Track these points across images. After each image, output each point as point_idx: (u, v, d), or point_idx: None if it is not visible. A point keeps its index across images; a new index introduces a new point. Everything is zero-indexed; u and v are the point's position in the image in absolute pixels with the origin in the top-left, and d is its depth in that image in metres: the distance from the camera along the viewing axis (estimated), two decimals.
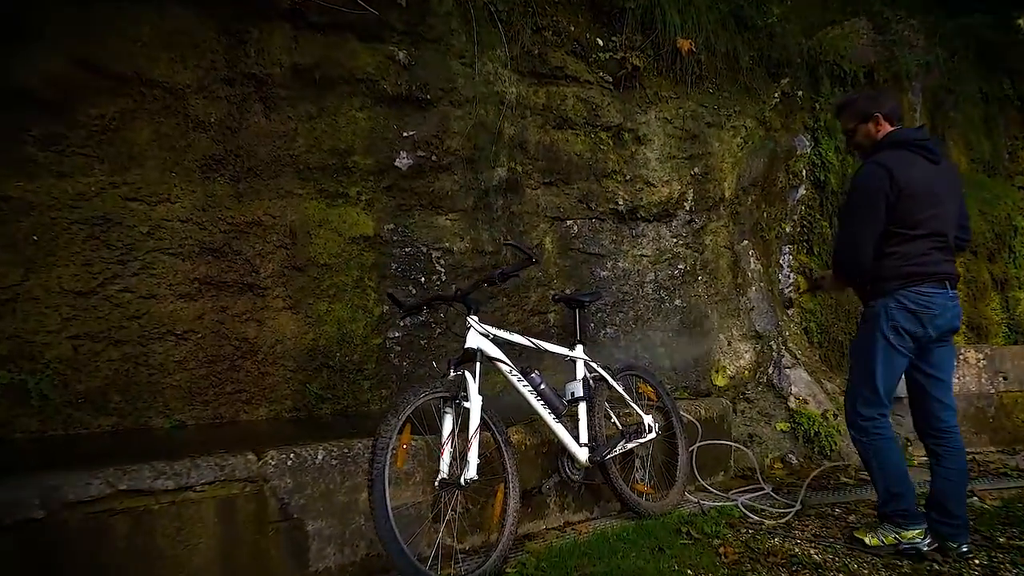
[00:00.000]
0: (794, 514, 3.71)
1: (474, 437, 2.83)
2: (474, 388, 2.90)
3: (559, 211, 5.03)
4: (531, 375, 3.24)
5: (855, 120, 3.30)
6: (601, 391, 3.56)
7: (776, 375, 5.17)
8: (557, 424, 3.26)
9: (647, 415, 3.70)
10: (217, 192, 3.78)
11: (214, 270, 3.72)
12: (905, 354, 3.12)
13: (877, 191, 3.04)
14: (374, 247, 4.27)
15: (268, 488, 2.62)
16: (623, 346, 5.08)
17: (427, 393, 2.78)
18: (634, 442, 3.56)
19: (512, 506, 2.99)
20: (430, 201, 4.52)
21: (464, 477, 2.78)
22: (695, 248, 5.43)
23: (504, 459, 3.03)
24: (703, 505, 3.81)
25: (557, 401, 3.26)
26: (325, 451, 2.77)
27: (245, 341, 3.79)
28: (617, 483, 3.43)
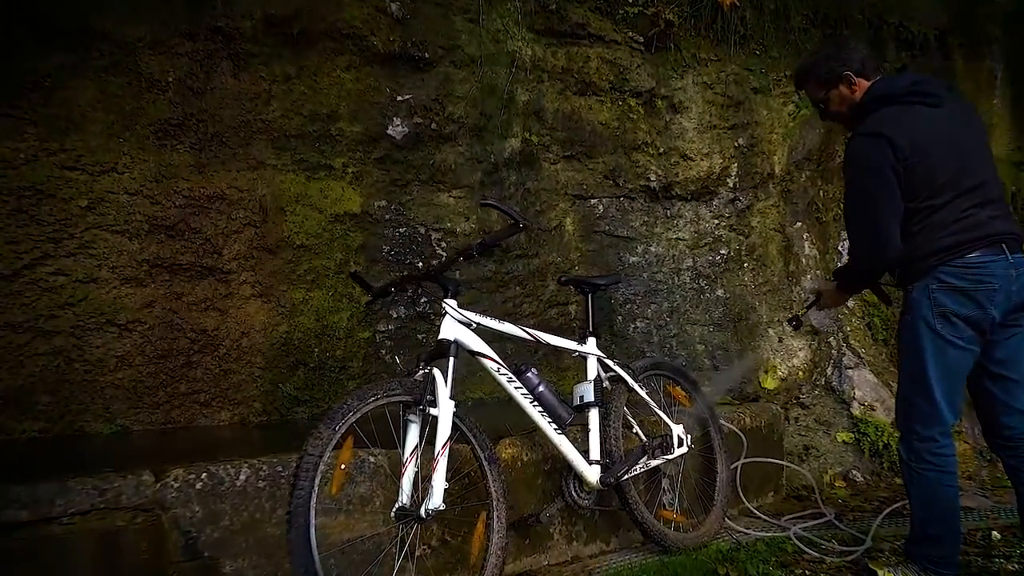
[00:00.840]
0: (863, 550, 2.90)
1: (441, 454, 2.13)
2: (444, 391, 2.20)
3: (581, 188, 4.30)
4: (526, 374, 2.53)
5: (822, 88, 2.59)
6: (619, 395, 2.81)
7: (836, 377, 4.33)
8: (560, 436, 2.53)
9: (677, 425, 2.94)
10: (174, 162, 3.17)
11: (167, 251, 3.12)
12: (964, 347, 2.33)
13: (880, 166, 2.31)
14: (362, 226, 3.61)
15: (168, 518, 1.97)
16: (655, 342, 4.31)
17: (378, 397, 2.09)
18: (659, 458, 2.80)
19: (496, 541, 2.28)
20: (430, 176, 3.84)
21: (426, 507, 2.08)
22: (740, 231, 4.63)
23: (487, 481, 2.32)
24: (748, 535, 3.03)
25: (560, 407, 2.54)
26: (251, 470, 2.11)
27: (203, 333, 3.17)
28: (637, 509, 2.69)
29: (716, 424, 3.17)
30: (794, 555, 2.87)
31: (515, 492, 2.62)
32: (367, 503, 2.27)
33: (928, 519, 2.41)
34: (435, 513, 2.08)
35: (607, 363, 2.83)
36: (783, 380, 4.38)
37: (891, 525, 3.18)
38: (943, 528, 2.38)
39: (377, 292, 2.56)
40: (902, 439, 2.49)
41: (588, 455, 2.63)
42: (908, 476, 2.47)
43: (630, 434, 2.92)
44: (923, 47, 5.44)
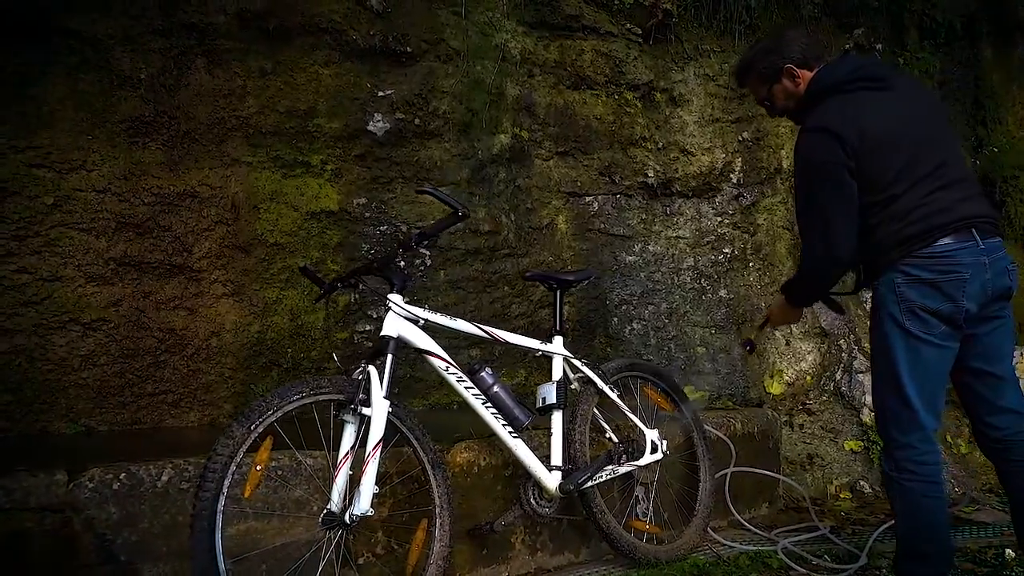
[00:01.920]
0: (857, 568, 2.67)
1: (371, 456, 2.00)
2: (378, 390, 2.07)
3: (575, 185, 4.14)
4: (479, 374, 2.38)
5: (764, 83, 2.40)
6: (587, 397, 2.65)
7: (846, 381, 4.07)
8: (515, 440, 2.38)
9: (652, 430, 2.75)
10: (144, 159, 3.12)
11: (135, 249, 3.06)
12: (938, 343, 2.10)
13: (827, 163, 2.11)
14: (340, 224, 3.52)
15: (81, 520, 1.87)
16: (653, 344, 4.12)
17: (303, 395, 1.97)
18: (628, 465, 2.62)
19: (438, 550, 2.13)
20: (414, 173, 3.73)
21: (351, 511, 1.95)
22: (745, 229, 4.41)
23: (431, 486, 2.18)
24: (731, 549, 2.83)
25: (517, 409, 2.39)
26: (174, 470, 2.01)
27: (171, 333, 3.10)
28: (603, 519, 2.51)
29: (700, 429, 2.97)
30: (779, 571, 2.65)
31: (472, 499, 2.48)
32: (303, 507, 2.16)
33: (913, 534, 2.19)
34: (358, 520, 1.95)
35: (575, 363, 2.67)
36: (789, 385, 4.14)
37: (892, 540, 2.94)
38: (930, 544, 2.16)
39: (327, 288, 2.45)
40: (883, 449, 2.27)
41: (550, 460, 2.47)
42: (890, 488, 2.25)
43: (603, 439, 2.75)
44: (948, 36, 5.15)
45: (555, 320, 2.70)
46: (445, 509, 2.17)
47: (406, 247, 2.25)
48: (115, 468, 1.94)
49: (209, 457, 1.77)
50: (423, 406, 3.66)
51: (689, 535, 2.76)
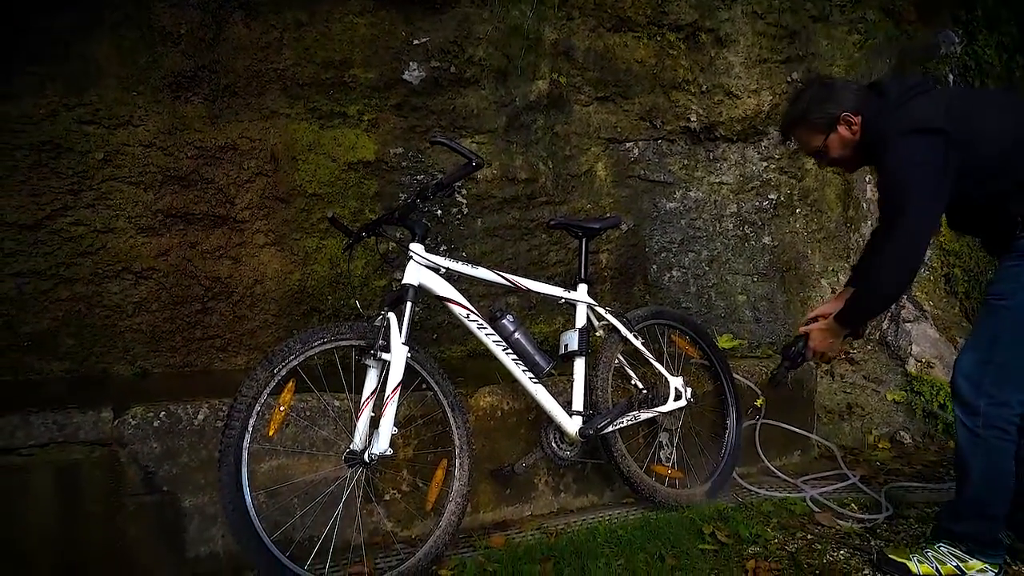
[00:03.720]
0: (885, 517, 2.68)
1: (391, 399, 2.10)
2: (397, 336, 2.17)
3: (615, 131, 4.09)
4: (500, 321, 2.45)
5: (819, 134, 2.33)
6: (610, 345, 2.69)
7: (892, 331, 3.98)
8: (536, 386, 2.45)
9: (675, 377, 2.78)
10: (187, 113, 3.24)
11: (180, 201, 3.21)
12: None
13: (939, 169, 2.07)
14: (377, 174, 3.59)
15: (126, 454, 2.05)
16: (692, 292, 4.11)
17: (325, 341, 2.08)
18: (650, 412, 2.67)
19: (457, 488, 2.24)
20: (451, 121, 3.76)
21: (370, 451, 2.06)
22: (792, 174, 4.29)
23: (451, 428, 2.29)
24: (757, 495, 2.86)
25: (538, 356, 2.45)
26: (210, 410, 2.16)
27: (217, 281, 3.27)
28: (624, 463, 2.58)
29: (728, 377, 2.98)
30: (801, 518, 2.68)
31: (495, 441, 2.58)
32: (331, 446, 2.29)
33: (990, 495, 2.13)
34: (377, 459, 2.07)
35: (599, 311, 2.70)
36: None
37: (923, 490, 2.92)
38: (1003, 506, 2.13)
39: (353, 237, 2.53)
40: (964, 404, 2.16)
41: (571, 406, 2.54)
42: (968, 445, 2.16)
43: (628, 386, 2.79)
44: None
45: (579, 268, 2.73)
46: (464, 450, 2.27)
47: (423, 197, 2.31)
48: (155, 406, 2.11)
49: (235, 398, 1.90)
50: (461, 352, 3.77)
51: (712, 481, 2.81)
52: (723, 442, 2.91)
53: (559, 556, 2.21)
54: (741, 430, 2.96)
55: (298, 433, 2.26)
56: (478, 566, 2.15)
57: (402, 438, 2.40)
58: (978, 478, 2.13)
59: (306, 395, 2.28)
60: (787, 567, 2.24)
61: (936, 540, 2.23)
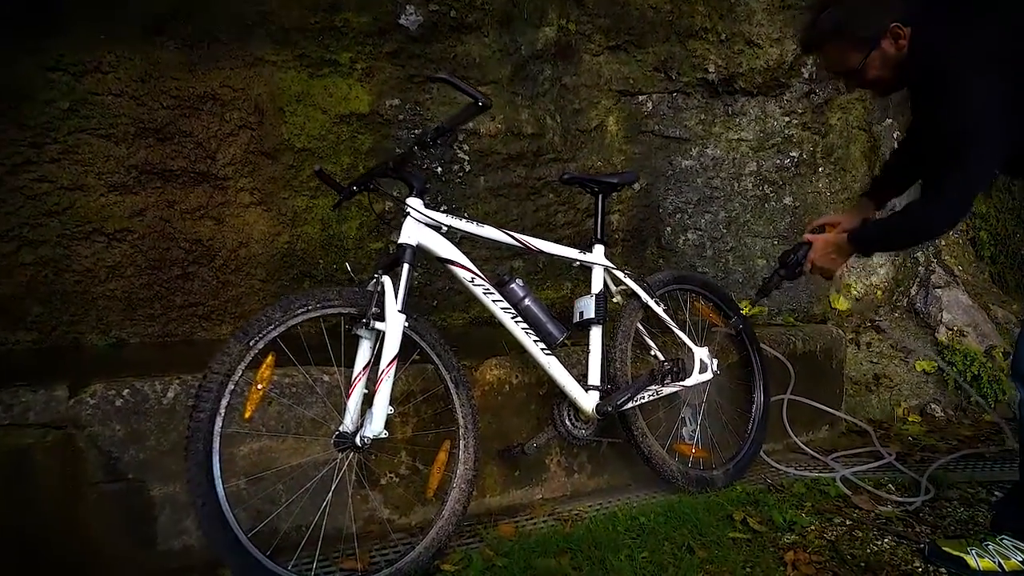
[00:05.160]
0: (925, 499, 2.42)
1: (386, 374, 1.82)
2: (392, 303, 1.87)
3: (628, 83, 3.76)
4: (509, 286, 2.16)
5: (857, 51, 1.87)
6: (629, 312, 2.40)
7: (922, 297, 3.70)
8: (548, 358, 2.17)
9: (701, 348, 2.50)
10: (162, 60, 2.90)
11: (156, 156, 2.89)
12: None
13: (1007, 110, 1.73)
14: (372, 127, 3.26)
15: (84, 437, 1.77)
16: (709, 256, 3.81)
17: (308, 308, 1.78)
18: (673, 386, 2.39)
19: (461, 472, 1.97)
20: (451, 71, 3.42)
21: (363, 433, 1.79)
22: (816, 130, 3.97)
23: (454, 405, 2.01)
24: (787, 475, 2.60)
25: (550, 324, 2.17)
26: (181, 385, 1.88)
27: (198, 243, 2.96)
28: (645, 443, 2.31)
29: (755, 347, 2.70)
30: (836, 501, 2.42)
31: (503, 418, 2.30)
32: (319, 427, 2.01)
33: None
34: (371, 442, 1.79)
35: (617, 275, 2.41)
36: (858, 301, 3.79)
37: (964, 469, 2.66)
38: None
39: (346, 193, 2.23)
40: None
41: (587, 380, 2.26)
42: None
43: (648, 357, 2.51)
44: None
45: (596, 227, 2.43)
46: (470, 430, 2.00)
47: (422, 144, 2.00)
48: (118, 383, 1.82)
49: (204, 375, 1.61)
50: (464, 320, 3.49)
51: (738, 460, 2.54)
52: (750, 418, 2.64)
53: (576, 548, 1.94)
54: (769, 404, 2.68)
55: (283, 412, 1.98)
56: (485, 560, 1.88)
57: (400, 416, 2.12)
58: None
59: (292, 370, 2.00)
60: (829, 559, 1.98)
61: (998, 532, 1.96)
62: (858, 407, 3.31)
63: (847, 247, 2.11)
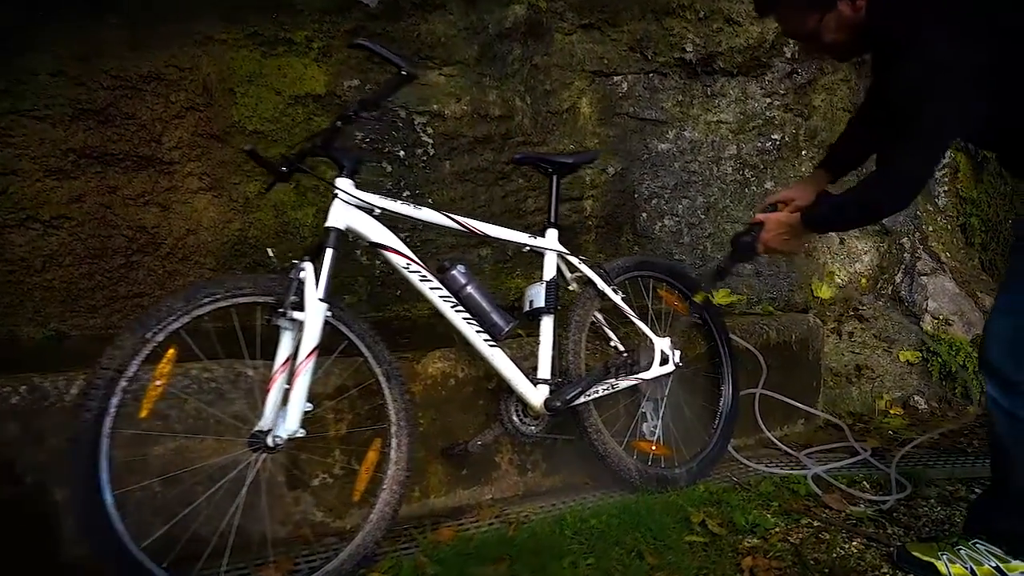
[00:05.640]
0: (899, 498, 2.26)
1: (302, 369, 1.66)
2: (313, 291, 1.71)
3: (602, 63, 3.58)
4: (450, 272, 2.00)
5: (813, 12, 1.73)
6: (585, 300, 2.24)
7: (907, 285, 3.53)
8: (492, 350, 2.01)
9: (661, 338, 2.34)
10: (103, 37, 2.73)
11: (96, 139, 2.73)
12: None
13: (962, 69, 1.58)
14: (329, 109, 3.09)
15: None
16: (686, 243, 3.64)
17: (216, 297, 1.63)
18: (630, 379, 2.23)
19: (393, 474, 1.82)
20: (415, 51, 3.24)
21: (275, 433, 1.63)
22: (798, 111, 3.79)
23: (386, 401, 1.85)
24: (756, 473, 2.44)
25: (495, 313, 2.00)
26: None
27: (143, 231, 2.80)
28: (599, 439, 2.15)
29: (724, 338, 2.54)
30: (806, 500, 2.26)
31: (448, 414, 2.15)
32: (241, 425, 1.85)
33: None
34: (284, 443, 1.63)
35: (571, 261, 2.24)
36: (841, 288, 3.61)
37: (944, 464, 2.50)
38: None
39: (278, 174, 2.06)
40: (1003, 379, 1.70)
41: (536, 373, 2.10)
42: (1010, 430, 1.70)
43: (607, 349, 2.35)
44: None
45: (549, 210, 2.26)
46: (403, 428, 1.84)
47: (345, 119, 1.84)
48: (14, 380, 1.66)
49: (93, 371, 1.46)
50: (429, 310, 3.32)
51: (703, 457, 2.38)
52: (717, 412, 2.47)
53: (516, 554, 1.79)
54: (738, 398, 2.52)
55: (202, 409, 1.82)
56: (417, 568, 1.73)
57: (333, 412, 1.97)
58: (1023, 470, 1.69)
59: (214, 364, 1.85)
60: (791, 565, 1.82)
61: (971, 535, 1.79)
62: (838, 400, 3.14)
63: (800, 228, 1.96)
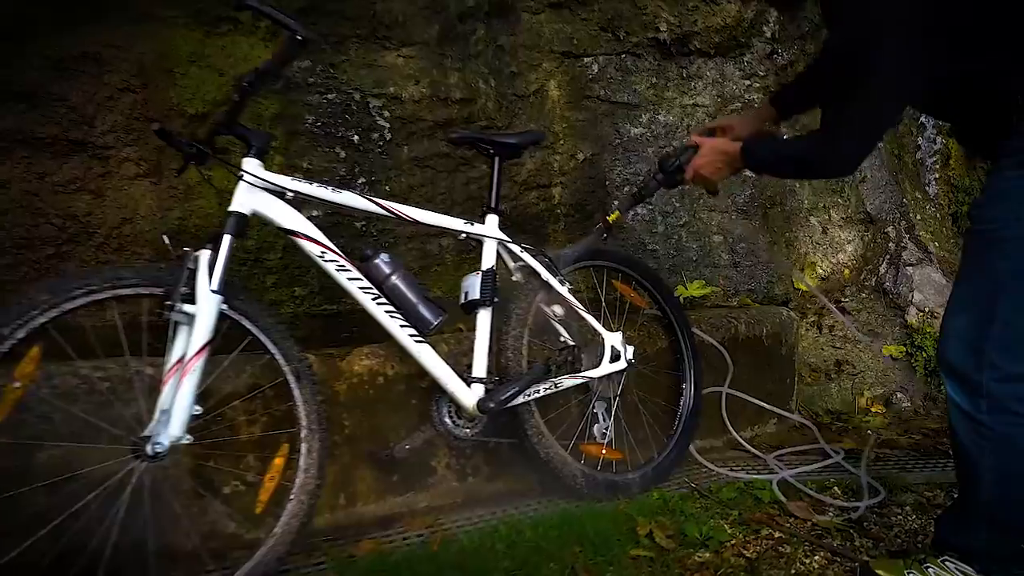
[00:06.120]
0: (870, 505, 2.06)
1: (189, 367, 1.48)
2: (205, 282, 1.53)
3: (571, 44, 3.38)
4: (373, 261, 1.82)
5: None
6: (528, 293, 2.05)
7: (891, 276, 3.32)
8: (420, 346, 1.82)
9: (613, 333, 2.14)
10: (31, 15, 2.56)
11: (23, 122, 2.54)
12: None
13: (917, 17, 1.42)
14: (278, 92, 2.91)
15: None
16: (660, 232, 3.44)
17: (93, 289, 1.46)
18: (575, 377, 2.03)
19: (303, 483, 1.63)
20: (371, 30, 3.05)
21: (156, 439, 1.45)
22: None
23: (295, 403, 1.67)
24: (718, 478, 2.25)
25: (422, 306, 1.82)
26: None
27: (74, 220, 2.61)
28: (541, 443, 1.96)
29: (686, 332, 2.34)
30: (771, 507, 2.07)
31: (376, 415, 1.96)
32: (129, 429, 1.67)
33: (1007, 500, 1.49)
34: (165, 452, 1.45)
35: (514, 249, 2.05)
36: (824, 280, 3.41)
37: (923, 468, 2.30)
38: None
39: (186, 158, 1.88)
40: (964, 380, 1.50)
41: (470, 371, 1.91)
42: (973, 436, 1.50)
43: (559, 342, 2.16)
44: None
45: (490, 194, 2.07)
46: (314, 432, 1.66)
47: (241, 91, 1.65)
48: None
49: None
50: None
51: (660, 462, 2.19)
52: (677, 412, 2.28)
53: (437, 572, 1.60)
54: (700, 397, 2.33)
55: (92, 411, 1.64)
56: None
57: (245, 414, 1.78)
58: (990, 480, 1.49)
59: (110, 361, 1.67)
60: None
61: (940, 552, 1.60)
62: (816, 397, 2.94)
63: (738, 160, 1.79)
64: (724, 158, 1.81)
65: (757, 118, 2.00)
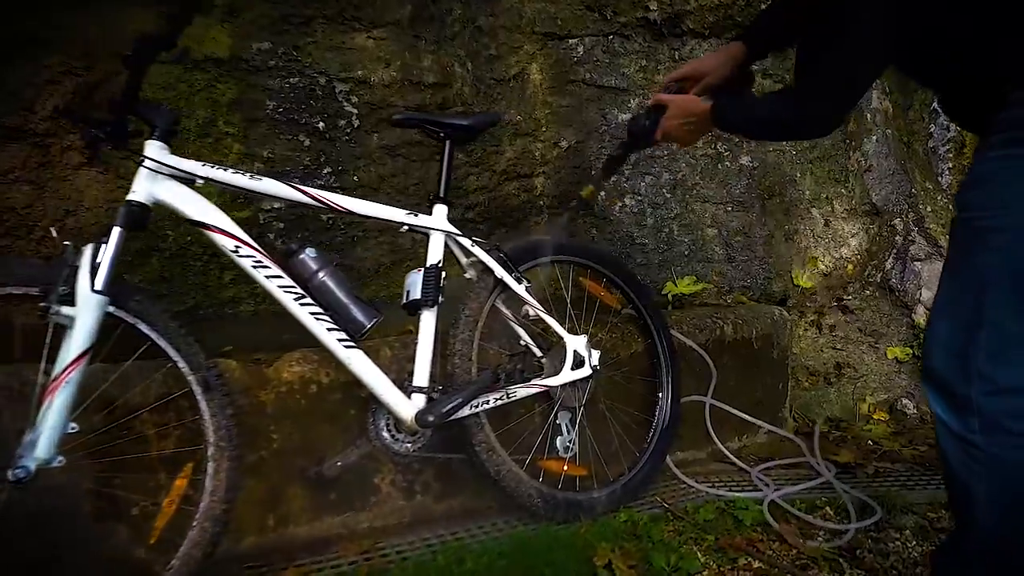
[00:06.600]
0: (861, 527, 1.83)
1: (64, 378, 1.28)
2: (86, 281, 1.33)
3: (555, 24, 3.16)
4: (298, 256, 1.61)
5: None
6: (479, 292, 1.83)
7: (898, 272, 3.06)
8: (350, 351, 1.61)
9: (576, 336, 1.92)
10: None
11: None
12: None
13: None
14: (234, 75, 2.69)
15: None
16: (649, 225, 3.21)
17: None
18: (531, 386, 1.81)
19: (207, 508, 1.43)
20: (339, 10, 2.84)
21: (21, 463, 1.25)
22: (779, 77, 3.34)
23: (201, 416, 1.47)
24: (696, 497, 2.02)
25: (353, 307, 1.61)
26: None
27: (11, 212, 2.44)
28: (491, 459, 1.74)
29: (663, 334, 2.11)
30: (753, 531, 1.84)
31: (309, 428, 1.75)
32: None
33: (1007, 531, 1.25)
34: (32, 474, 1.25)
35: (463, 243, 1.83)
36: (825, 276, 3.15)
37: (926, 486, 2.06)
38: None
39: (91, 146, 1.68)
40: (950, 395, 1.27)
41: (410, 380, 1.70)
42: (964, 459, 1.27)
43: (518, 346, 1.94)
44: None
45: (439, 182, 1.85)
46: (223, 449, 1.46)
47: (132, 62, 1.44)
48: None
49: None
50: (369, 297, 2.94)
51: (629, 480, 1.96)
52: (652, 424, 2.05)
53: None
54: (678, 406, 2.10)
55: None
56: None
57: (156, 428, 1.59)
58: (986, 510, 1.25)
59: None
60: None
61: None
62: (813, 403, 2.70)
63: (708, 122, 1.62)
64: (695, 121, 1.64)
65: (726, 58, 1.77)
